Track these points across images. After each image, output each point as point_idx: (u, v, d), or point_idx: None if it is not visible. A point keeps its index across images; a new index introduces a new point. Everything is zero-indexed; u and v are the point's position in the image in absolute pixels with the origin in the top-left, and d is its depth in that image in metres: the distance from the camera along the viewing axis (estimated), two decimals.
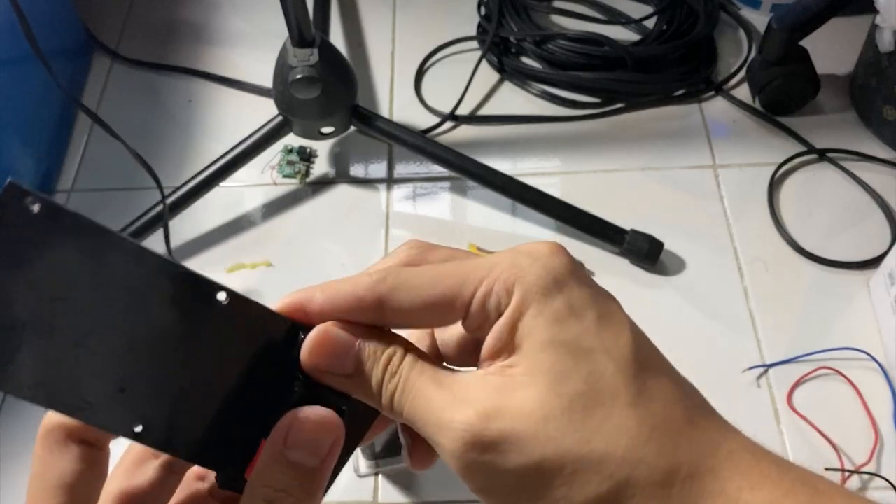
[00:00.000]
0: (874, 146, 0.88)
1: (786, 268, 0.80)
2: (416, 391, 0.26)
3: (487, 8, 1.03)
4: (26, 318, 0.24)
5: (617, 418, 0.25)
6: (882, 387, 0.71)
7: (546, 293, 0.26)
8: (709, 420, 0.26)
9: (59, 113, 0.95)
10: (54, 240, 0.24)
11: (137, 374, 0.26)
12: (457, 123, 0.94)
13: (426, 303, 0.27)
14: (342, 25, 1.05)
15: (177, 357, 0.26)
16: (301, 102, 0.79)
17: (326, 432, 0.27)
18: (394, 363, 0.27)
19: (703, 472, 0.25)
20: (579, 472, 0.24)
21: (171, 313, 0.26)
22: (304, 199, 0.89)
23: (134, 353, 0.26)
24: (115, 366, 0.26)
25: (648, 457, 0.25)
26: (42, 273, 0.24)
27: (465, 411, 0.25)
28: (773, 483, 0.24)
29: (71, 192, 0.91)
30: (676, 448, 0.25)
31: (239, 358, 0.27)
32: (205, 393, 0.27)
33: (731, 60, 0.98)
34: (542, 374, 0.25)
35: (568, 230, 0.83)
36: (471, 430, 0.25)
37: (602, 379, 0.25)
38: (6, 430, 0.74)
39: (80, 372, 0.25)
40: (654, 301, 0.79)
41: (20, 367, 0.25)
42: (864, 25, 0.90)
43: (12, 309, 0.24)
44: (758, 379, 0.73)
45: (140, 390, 0.26)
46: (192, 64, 1.01)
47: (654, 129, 0.92)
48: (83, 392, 0.25)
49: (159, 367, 0.26)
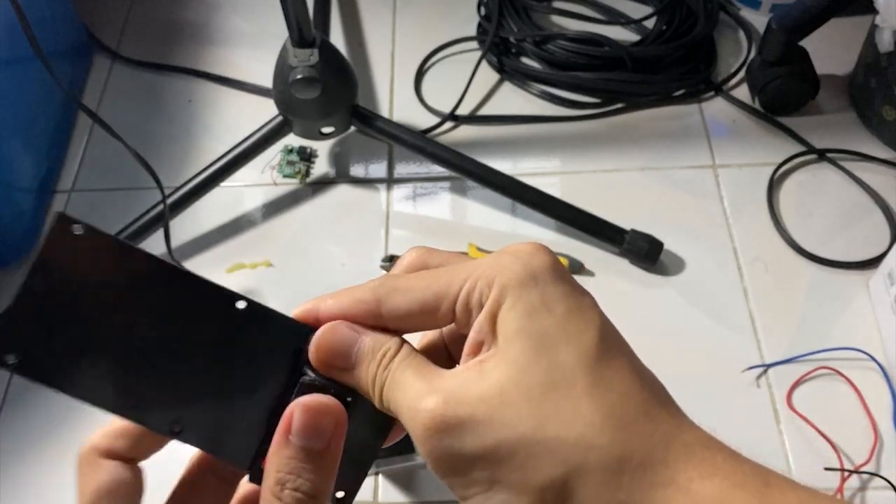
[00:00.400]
0: (873, 146, 0.88)
1: (785, 268, 0.80)
2: (400, 383, 0.28)
3: (487, 8, 1.03)
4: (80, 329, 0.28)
5: (572, 406, 0.26)
6: (881, 387, 0.71)
7: (522, 287, 0.27)
8: (666, 412, 0.27)
9: (59, 113, 0.95)
10: (95, 257, 0.28)
11: (171, 378, 0.29)
12: (457, 123, 0.94)
13: (419, 303, 0.29)
14: (342, 26, 1.05)
15: (204, 361, 0.29)
16: (301, 102, 0.79)
17: (326, 416, 0.29)
18: (386, 358, 0.29)
19: (654, 462, 0.25)
20: (533, 456, 0.26)
21: (196, 321, 0.29)
22: (305, 199, 0.89)
23: (167, 359, 0.29)
24: (151, 370, 0.29)
25: (601, 444, 0.25)
26: (88, 287, 0.28)
27: (434, 398, 0.27)
28: (725, 474, 0.25)
29: (71, 192, 0.91)
30: (629, 437, 0.26)
31: (258, 360, 0.30)
32: (229, 393, 0.29)
33: (731, 60, 0.98)
34: (507, 363, 0.27)
35: (568, 230, 0.83)
36: (433, 414, 0.26)
37: (562, 369, 0.27)
38: (6, 431, 0.74)
39: (123, 377, 0.29)
40: (654, 301, 0.79)
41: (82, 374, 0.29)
42: (863, 26, 0.90)
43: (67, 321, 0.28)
44: (757, 379, 0.73)
45: (174, 393, 0.29)
46: (192, 64, 1.02)
47: (654, 129, 0.93)
48: (128, 395, 0.29)
49: (189, 371, 0.29)
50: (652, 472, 0.25)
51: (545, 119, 0.94)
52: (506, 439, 0.26)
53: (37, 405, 0.75)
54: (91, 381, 0.29)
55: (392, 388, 0.28)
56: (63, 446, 0.73)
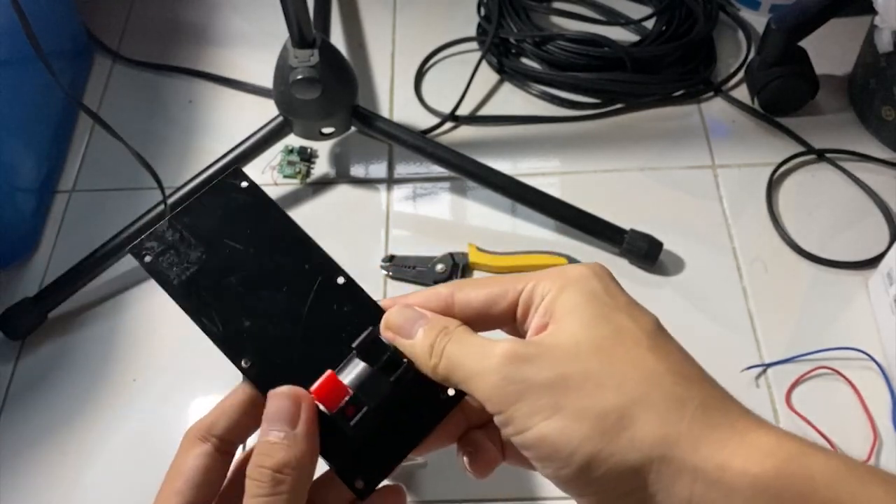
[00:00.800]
0: (872, 146, 0.89)
1: (785, 267, 0.80)
2: (464, 341, 0.32)
3: (487, 9, 1.03)
4: (207, 253, 0.35)
5: (638, 356, 0.29)
6: (880, 386, 0.71)
7: (586, 280, 0.32)
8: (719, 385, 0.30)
9: (60, 113, 0.95)
10: (249, 209, 0.36)
11: (260, 319, 0.35)
12: (457, 124, 0.95)
13: (487, 295, 0.33)
14: (342, 26, 1.06)
15: (292, 313, 0.35)
16: (301, 103, 0.79)
17: (288, 400, 0.32)
18: (448, 328, 0.32)
19: (715, 408, 0.28)
20: (600, 386, 0.28)
21: (301, 278, 0.35)
22: (305, 200, 0.89)
23: (265, 302, 0.35)
24: (248, 309, 0.35)
25: (664, 384, 0.28)
26: (228, 225, 0.36)
27: (508, 342, 0.30)
28: (780, 433, 0.28)
29: (72, 192, 0.91)
30: (690, 385, 0.29)
31: (335, 326, 0.35)
32: (299, 347, 0.34)
33: (730, 61, 0.98)
34: (576, 324, 0.30)
35: (567, 230, 0.83)
36: (509, 349, 0.30)
37: (627, 331, 0.30)
38: (6, 431, 0.74)
39: (226, 304, 0.35)
40: (654, 301, 0.78)
41: (192, 289, 0.35)
42: (862, 26, 0.91)
43: (218, 254, 0.35)
44: (756, 378, 0.73)
45: (258, 332, 0.34)
46: (192, 64, 1.02)
47: (654, 129, 0.93)
48: (221, 320, 0.35)
49: (277, 318, 0.35)
50: (713, 414, 0.28)
51: (545, 119, 0.94)
52: (577, 371, 0.29)
53: (37, 405, 0.75)
54: (196, 298, 0.35)
55: (455, 346, 0.31)
56: (63, 446, 0.73)
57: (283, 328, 0.34)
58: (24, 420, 0.75)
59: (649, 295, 0.79)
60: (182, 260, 0.35)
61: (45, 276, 0.84)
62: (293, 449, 0.31)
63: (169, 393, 0.76)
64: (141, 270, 0.83)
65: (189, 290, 0.35)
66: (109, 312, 0.81)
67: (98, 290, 0.82)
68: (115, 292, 0.83)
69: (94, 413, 0.75)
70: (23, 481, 0.71)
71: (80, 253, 0.81)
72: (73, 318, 0.81)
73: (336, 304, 0.35)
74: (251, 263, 0.35)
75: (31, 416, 0.75)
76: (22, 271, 0.85)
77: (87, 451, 0.72)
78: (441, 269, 0.80)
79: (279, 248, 0.36)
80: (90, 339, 0.80)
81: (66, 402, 0.75)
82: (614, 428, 0.27)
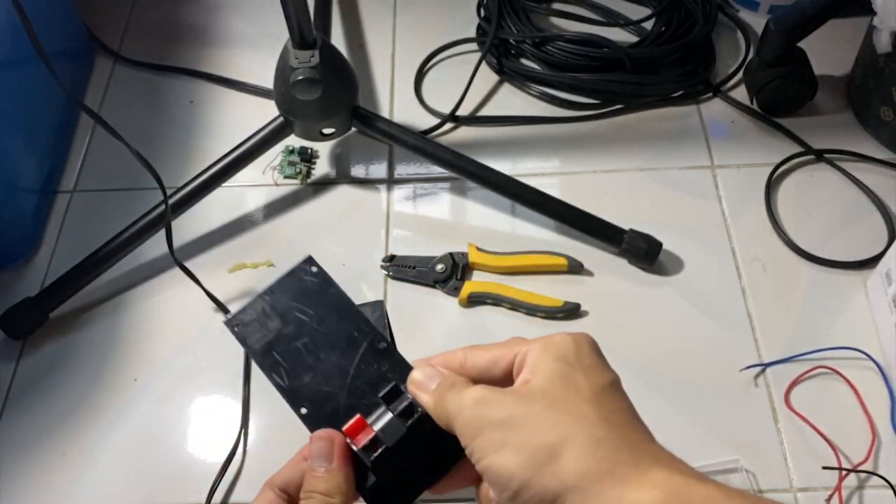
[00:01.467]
0: (871, 147, 0.89)
1: (783, 267, 0.81)
2: (459, 390, 0.38)
3: (487, 10, 1.03)
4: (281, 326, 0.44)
5: (577, 403, 0.35)
6: (879, 386, 0.72)
7: (563, 346, 0.37)
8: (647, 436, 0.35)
9: (61, 114, 0.95)
10: (315, 288, 0.45)
11: (317, 375, 0.42)
12: (457, 124, 0.95)
13: (490, 357, 0.39)
14: (343, 27, 1.06)
15: (341, 370, 0.42)
16: (302, 103, 0.79)
17: (325, 441, 0.39)
18: (457, 384, 0.39)
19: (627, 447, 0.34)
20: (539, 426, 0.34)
21: (350, 342, 0.43)
22: (305, 200, 0.89)
23: (321, 362, 0.42)
24: (308, 367, 0.42)
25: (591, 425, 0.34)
26: (304, 304, 0.44)
27: (475, 390, 0.37)
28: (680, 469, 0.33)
29: (73, 192, 0.91)
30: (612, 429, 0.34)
31: (377, 380, 0.42)
32: (343, 396, 0.42)
33: (729, 62, 0.99)
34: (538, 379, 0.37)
35: (567, 230, 0.83)
36: (478, 394, 0.37)
37: (575, 386, 0.36)
38: (6, 431, 0.75)
39: (292, 363, 0.42)
40: (653, 301, 0.79)
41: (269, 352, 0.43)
42: (861, 27, 0.91)
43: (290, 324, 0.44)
44: (755, 378, 0.73)
45: (313, 388, 0.42)
46: (193, 65, 1.02)
47: (653, 129, 0.93)
48: (288, 376, 0.42)
49: (329, 374, 0.42)
50: (623, 454, 0.33)
51: (545, 120, 0.94)
52: (523, 413, 0.35)
53: (38, 405, 0.75)
54: (270, 358, 0.43)
55: (450, 395, 0.38)
56: (63, 446, 0.73)
57: (333, 383, 0.42)
58: (25, 420, 0.75)
59: (648, 295, 0.80)
60: (262, 328, 0.43)
61: (47, 276, 0.84)
62: (332, 480, 0.38)
63: (169, 393, 0.76)
64: (141, 270, 0.84)
65: (266, 352, 0.43)
66: (110, 312, 0.82)
67: (99, 290, 0.83)
68: (116, 292, 0.83)
69: (94, 413, 0.75)
70: (23, 481, 0.71)
71: (82, 253, 0.81)
72: (74, 318, 0.81)
73: (377, 363, 0.42)
74: (314, 331, 0.43)
75: (32, 415, 0.75)
76: (23, 271, 0.85)
77: (87, 451, 0.73)
78: (441, 269, 0.81)
79: (336, 319, 0.44)
80: (91, 338, 0.80)
81: (67, 401, 0.75)
82: (544, 461, 0.33)
